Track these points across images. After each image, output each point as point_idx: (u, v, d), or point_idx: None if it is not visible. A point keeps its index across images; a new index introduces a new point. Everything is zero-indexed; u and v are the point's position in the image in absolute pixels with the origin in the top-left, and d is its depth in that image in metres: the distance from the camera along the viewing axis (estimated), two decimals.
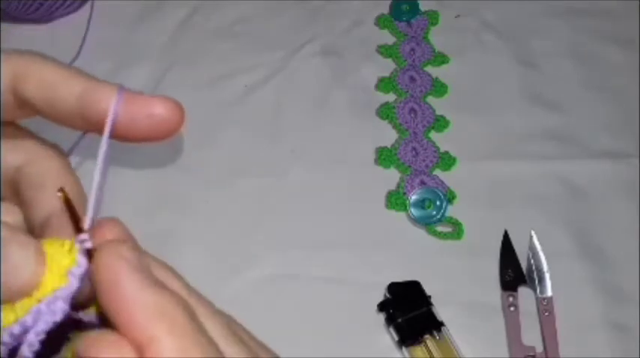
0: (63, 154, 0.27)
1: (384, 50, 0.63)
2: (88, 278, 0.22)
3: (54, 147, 0.27)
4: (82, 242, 0.23)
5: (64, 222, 0.24)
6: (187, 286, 0.23)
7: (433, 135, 0.58)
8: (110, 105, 0.24)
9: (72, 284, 0.22)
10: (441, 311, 0.48)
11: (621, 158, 0.56)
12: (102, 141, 0.24)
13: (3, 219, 0.23)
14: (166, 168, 0.57)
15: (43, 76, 0.24)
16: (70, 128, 0.25)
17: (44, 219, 0.25)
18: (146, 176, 0.55)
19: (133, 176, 0.55)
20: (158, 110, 0.24)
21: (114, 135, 0.24)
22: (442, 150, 0.57)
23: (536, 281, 0.50)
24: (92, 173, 0.24)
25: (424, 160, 0.56)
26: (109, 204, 0.27)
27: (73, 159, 0.28)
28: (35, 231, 0.25)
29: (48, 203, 0.25)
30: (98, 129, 0.24)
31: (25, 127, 0.28)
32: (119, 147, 0.25)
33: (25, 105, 0.25)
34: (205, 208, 0.54)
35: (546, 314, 0.49)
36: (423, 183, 0.55)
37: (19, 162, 0.26)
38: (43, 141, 0.27)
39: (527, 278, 0.51)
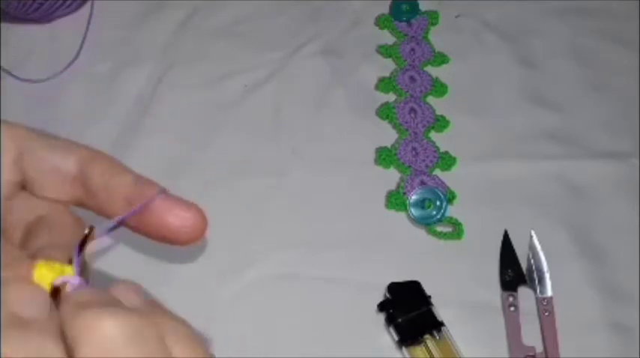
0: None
1: (384, 50, 0.63)
2: None
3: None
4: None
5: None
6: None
7: (433, 135, 0.58)
8: (153, 197, 0.26)
9: None
10: (441, 311, 0.48)
11: (621, 158, 0.56)
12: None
13: None
14: (166, 168, 0.57)
15: (109, 162, 0.26)
16: (107, 216, 0.26)
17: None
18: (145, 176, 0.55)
19: None
20: (188, 220, 0.27)
21: (142, 229, 0.26)
22: (442, 150, 0.57)
23: (536, 281, 0.50)
24: None
25: (424, 160, 0.56)
26: None
27: None
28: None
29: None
30: (138, 220, 0.26)
31: None
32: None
33: (83, 185, 0.26)
34: (205, 208, 0.54)
35: (546, 314, 0.49)
36: (423, 183, 0.55)
37: (41, 212, 0.27)
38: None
39: (527, 278, 0.51)
